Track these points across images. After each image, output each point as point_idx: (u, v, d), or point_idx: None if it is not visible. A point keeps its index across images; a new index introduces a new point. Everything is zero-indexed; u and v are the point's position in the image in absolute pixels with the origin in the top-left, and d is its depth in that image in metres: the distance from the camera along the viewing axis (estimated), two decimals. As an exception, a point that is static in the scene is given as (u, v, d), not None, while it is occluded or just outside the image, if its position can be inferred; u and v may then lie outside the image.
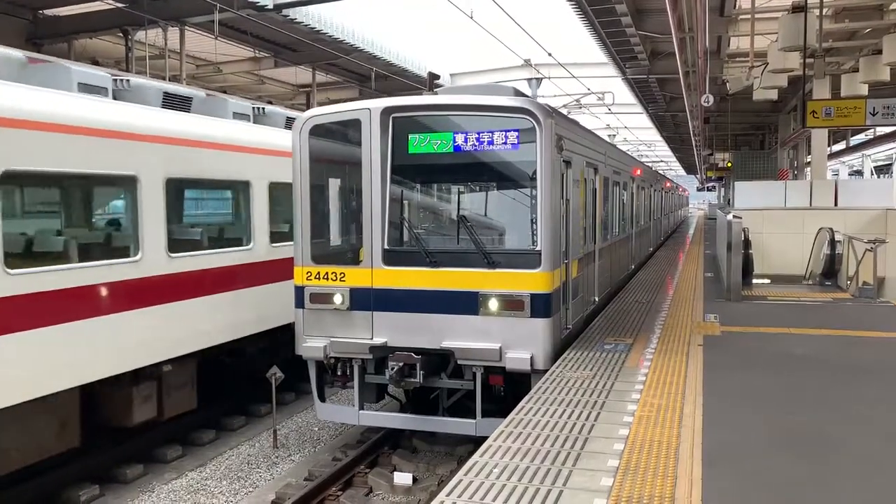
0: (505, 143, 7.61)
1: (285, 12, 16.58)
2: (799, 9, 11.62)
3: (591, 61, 25.33)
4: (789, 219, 16.47)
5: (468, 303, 7.57)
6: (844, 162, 50.82)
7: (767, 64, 15.54)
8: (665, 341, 8.51)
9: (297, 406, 10.90)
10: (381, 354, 7.81)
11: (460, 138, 7.72)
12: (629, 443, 5.14)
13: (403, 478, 7.78)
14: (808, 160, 28.85)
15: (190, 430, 9.41)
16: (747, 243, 13.78)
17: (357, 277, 7.96)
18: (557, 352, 7.79)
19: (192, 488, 8.02)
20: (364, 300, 7.93)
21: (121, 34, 17.10)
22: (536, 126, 7.47)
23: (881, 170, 51.97)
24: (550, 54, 20.60)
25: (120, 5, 15.74)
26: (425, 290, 7.74)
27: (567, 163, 8.34)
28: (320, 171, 8.45)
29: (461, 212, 8.36)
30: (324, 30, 18.50)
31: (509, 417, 5.77)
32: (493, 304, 7.51)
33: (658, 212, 24.59)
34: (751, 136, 40.38)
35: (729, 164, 37.57)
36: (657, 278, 14.90)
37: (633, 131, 44.73)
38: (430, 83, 9.45)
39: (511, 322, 7.49)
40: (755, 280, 14.12)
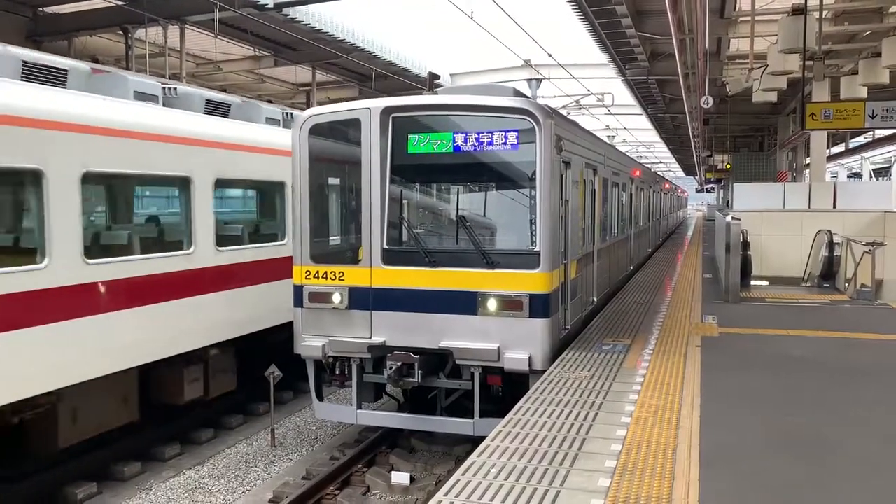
0: (504, 144, 7.62)
1: (285, 11, 16.57)
2: (799, 11, 11.62)
3: (591, 62, 25.34)
4: (788, 221, 16.49)
5: (467, 303, 7.58)
6: (843, 164, 50.88)
7: (767, 66, 15.53)
8: (663, 342, 8.52)
9: (296, 405, 10.91)
10: (380, 354, 7.81)
11: (460, 138, 7.73)
12: (627, 443, 5.14)
13: (401, 477, 7.78)
14: (807, 162, 28.89)
15: (188, 429, 9.42)
16: (746, 245, 13.79)
17: (356, 277, 7.97)
18: (556, 352, 7.79)
19: (190, 486, 8.03)
20: (363, 299, 7.93)
21: (121, 32, 17.09)
22: (536, 126, 7.48)
23: (880, 172, 51.99)
24: (550, 55, 20.59)
25: (120, 3, 15.72)
26: (424, 290, 7.74)
27: (566, 163, 8.35)
28: (320, 170, 8.45)
29: (460, 212, 8.37)
30: (324, 29, 18.48)
31: (507, 417, 5.78)
32: (492, 305, 7.52)
33: (657, 213, 24.61)
34: (750, 138, 40.39)
35: (728, 166, 37.57)
36: (656, 279, 14.92)
37: (633, 132, 44.75)
38: (431, 83, 9.47)
39: (509, 322, 7.50)
40: (753, 282, 14.13)
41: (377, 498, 7.63)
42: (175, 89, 9.54)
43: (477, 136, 7.67)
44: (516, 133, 7.57)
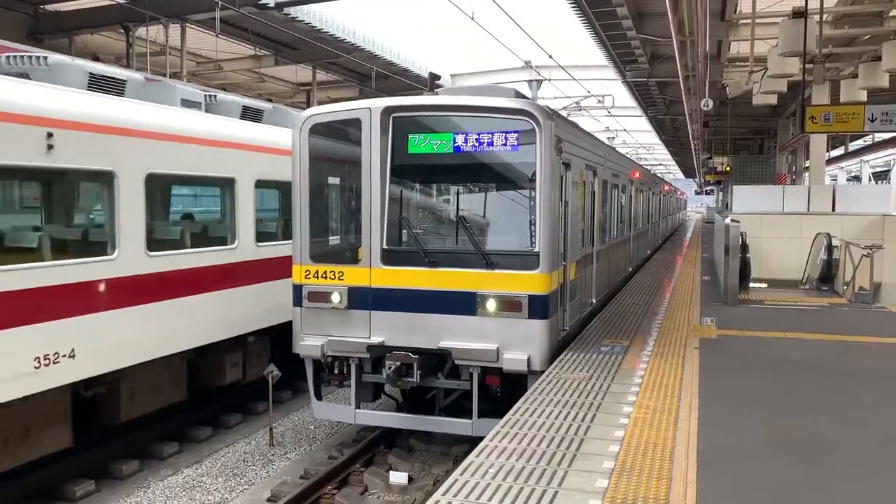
0: (505, 145, 7.62)
1: (286, 10, 16.62)
2: (799, 14, 11.64)
3: (592, 64, 25.39)
4: (787, 223, 16.49)
5: (466, 303, 7.59)
6: (842, 167, 50.94)
7: (767, 69, 15.56)
8: (661, 344, 8.53)
9: (294, 404, 10.91)
10: (379, 354, 7.81)
11: (460, 139, 7.73)
12: (625, 444, 5.15)
13: (399, 477, 7.78)
14: (807, 165, 28.89)
15: (186, 427, 9.43)
16: (745, 247, 13.80)
17: (355, 276, 7.97)
18: (554, 353, 7.80)
19: (188, 485, 8.03)
20: (362, 299, 7.94)
21: (122, 30, 17.11)
22: (536, 128, 7.48)
23: (879, 176, 52.05)
24: (551, 56, 20.62)
25: (121, 1, 15.73)
26: (423, 290, 7.75)
27: (566, 165, 8.36)
28: (320, 170, 8.46)
29: (460, 212, 8.37)
30: (325, 28, 18.52)
31: (505, 418, 5.78)
32: (491, 305, 7.52)
33: (656, 215, 24.63)
34: (750, 141, 40.45)
35: (727, 168, 37.59)
36: (654, 281, 14.93)
37: (633, 134, 44.81)
38: (431, 83, 9.48)
39: (508, 323, 7.50)
40: (752, 284, 14.15)
41: (375, 497, 7.64)
42: (215, 97, 10.33)
43: (477, 137, 7.68)
44: (516, 134, 7.58)
